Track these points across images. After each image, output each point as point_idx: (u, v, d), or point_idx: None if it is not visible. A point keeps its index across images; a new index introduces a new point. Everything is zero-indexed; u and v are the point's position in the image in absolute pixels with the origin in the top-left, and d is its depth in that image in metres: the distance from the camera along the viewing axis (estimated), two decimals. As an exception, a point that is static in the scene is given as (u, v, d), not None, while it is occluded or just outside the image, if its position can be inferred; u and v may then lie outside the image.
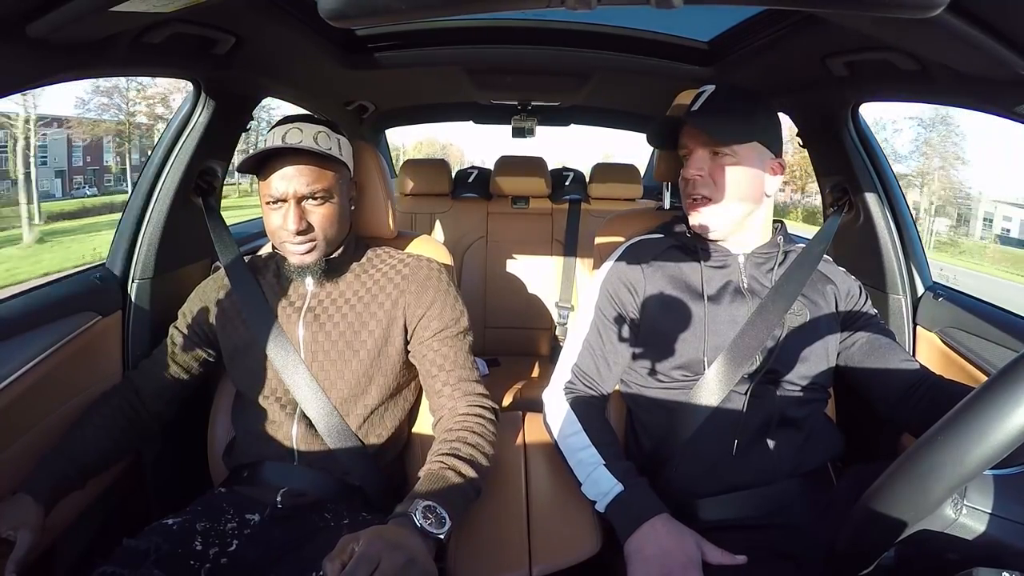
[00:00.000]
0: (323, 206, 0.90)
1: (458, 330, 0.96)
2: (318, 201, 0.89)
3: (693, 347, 0.90)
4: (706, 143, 0.89)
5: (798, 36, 1.01)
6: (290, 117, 0.93)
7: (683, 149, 0.94)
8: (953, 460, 0.50)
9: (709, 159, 0.90)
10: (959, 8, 0.63)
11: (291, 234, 0.89)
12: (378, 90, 1.99)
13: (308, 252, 0.91)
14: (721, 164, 0.89)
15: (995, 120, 0.85)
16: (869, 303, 0.98)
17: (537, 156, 2.29)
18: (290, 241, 0.90)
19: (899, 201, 1.25)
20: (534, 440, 1.00)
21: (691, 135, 0.91)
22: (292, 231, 0.88)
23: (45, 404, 0.94)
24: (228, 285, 0.98)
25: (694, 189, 0.91)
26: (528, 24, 1.38)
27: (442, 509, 0.71)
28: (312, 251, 0.91)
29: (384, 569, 0.59)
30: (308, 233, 0.90)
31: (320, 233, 0.91)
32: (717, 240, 0.94)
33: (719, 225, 0.92)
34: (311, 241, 0.90)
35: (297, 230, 0.88)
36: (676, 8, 0.44)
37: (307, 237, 0.90)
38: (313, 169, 0.88)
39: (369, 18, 0.47)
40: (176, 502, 0.88)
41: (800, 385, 0.90)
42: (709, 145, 0.89)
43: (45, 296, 0.99)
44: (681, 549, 0.75)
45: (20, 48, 0.68)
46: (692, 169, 0.90)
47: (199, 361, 1.00)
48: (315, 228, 0.90)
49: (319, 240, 0.91)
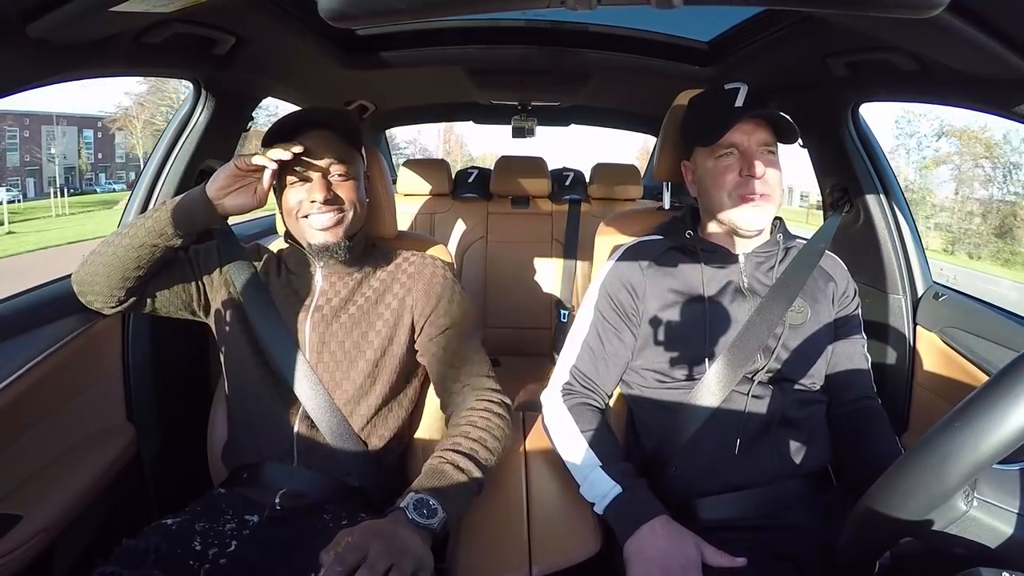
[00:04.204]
0: (348, 182, 0.91)
1: (465, 326, 0.96)
2: (344, 177, 0.91)
3: (694, 347, 0.90)
4: (764, 140, 0.88)
5: (798, 36, 1.01)
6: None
7: (730, 147, 0.89)
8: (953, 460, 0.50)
9: (764, 157, 0.89)
10: (959, 8, 0.63)
11: (318, 204, 0.88)
12: (378, 90, 1.99)
13: (334, 226, 0.90)
14: (772, 161, 0.89)
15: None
16: (859, 310, 0.99)
17: (537, 156, 2.29)
18: (316, 212, 0.89)
19: (899, 201, 1.25)
20: (534, 440, 1.00)
21: (749, 132, 0.88)
22: (320, 199, 0.88)
23: (45, 404, 0.94)
24: (233, 281, 0.98)
25: (755, 189, 0.88)
26: (528, 24, 1.38)
27: (434, 501, 0.72)
28: (338, 225, 0.91)
29: (374, 555, 0.60)
30: (335, 203, 0.90)
31: (348, 205, 0.91)
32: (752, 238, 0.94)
33: (767, 223, 0.91)
34: (339, 212, 0.90)
35: (325, 198, 0.88)
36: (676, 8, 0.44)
37: (334, 207, 0.90)
38: (343, 145, 0.91)
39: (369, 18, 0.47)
40: (176, 502, 0.88)
41: (802, 384, 0.90)
42: (767, 143, 0.88)
43: (45, 296, 0.99)
44: (680, 551, 0.75)
45: (20, 48, 0.68)
46: (760, 167, 0.87)
47: (182, 301, 0.97)
48: (343, 200, 0.90)
49: (346, 213, 0.91)
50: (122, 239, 0.87)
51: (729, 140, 0.89)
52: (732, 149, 0.89)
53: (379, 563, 0.60)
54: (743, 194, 0.88)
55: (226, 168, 0.86)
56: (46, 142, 28.52)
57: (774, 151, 0.89)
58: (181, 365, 1.24)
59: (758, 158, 0.87)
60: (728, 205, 0.90)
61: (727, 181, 0.89)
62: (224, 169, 0.86)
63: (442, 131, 37.22)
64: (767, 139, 0.88)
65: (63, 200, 25.23)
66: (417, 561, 0.64)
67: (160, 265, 0.91)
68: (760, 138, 0.88)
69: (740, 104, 0.88)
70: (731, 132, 0.88)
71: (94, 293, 0.91)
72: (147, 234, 0.86)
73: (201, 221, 0.88)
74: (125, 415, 1.13)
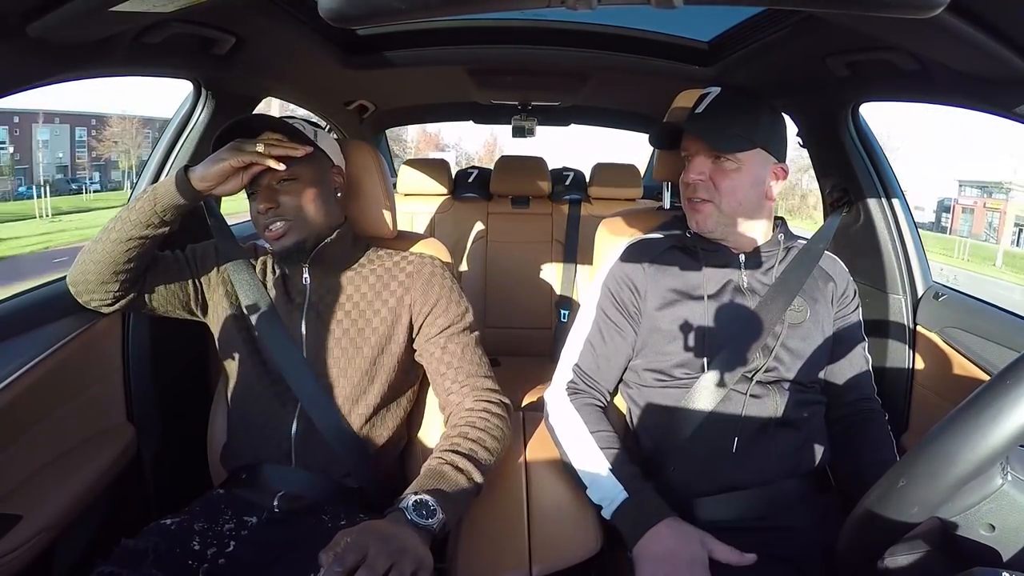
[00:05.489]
0: (293, 185, 0.91)
1: (464, 326, 0.96)
2: (288, 182, 0.91)
3: (693, 346, 0.90)
4: (708, 148, 0.90)
5: (798, 36, 1.01)
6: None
7: (684, 152, 0.94)
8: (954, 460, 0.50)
9: (711, 163, 0.90)
10: (959, 8, 0.63)
11: (264, 215, 0.90)
12: (378, 90, 1.99)
13: (282, 235, 0.91)
14: (723, 168, 0.89)
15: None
16: (859, 312, 0.99)
17: (537, 156, 2.29)
18: (265, 222, 0.91)
19: (899, 201, 1.25)
20: (534, 440, 1.00)
21: (693, 140, 0.91)
22: (263, 210, 0.89)
23: (45, 404, 0.94)
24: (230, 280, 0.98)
25: (694, 193, 0.91)
26: (528, 24, 1.38)
27: (434, 502, 0.72)
28: (286, 234, 0.91)
29: (373, 555, 0.60)
30: (278, 210, 0.90)
31: (292, 213, 0.91)
32: (717, 240, 0.94)
33: (717, 227, 0.92)
34: (283, 221, 0.91)
35: (267, 207, 0.89)
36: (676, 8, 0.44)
37: (277, 214, 0.90)
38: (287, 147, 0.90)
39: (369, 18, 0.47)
40: (175, 502, 0.88)
41: (800, 384, 0.90)
42: (711, 150, 0.89)
43: (45, 296, 0.99)
44: (687, 548, 0.76)
45: (20, 48, 0.68)
46: (692, 174, 0.90)
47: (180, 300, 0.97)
48: (287, 208, 0.91)
49: (292, 221, 0.91)
50: (110, 234, 0.87)
51: (685, 144, 0.94)
52: (687, 154, 0.93)
53: (378, 563, 0.60)
54: (687, 196, 0.93)
55: (218, 166, 0.86)
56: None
57: (728, 157, 0.89)
58: (181, 365, 1.24)
59: (696, 164, 0.91)
60: (685, 208, 0.95)
61: (681, 184, 0.94)
62: (215, 167, 0.86)
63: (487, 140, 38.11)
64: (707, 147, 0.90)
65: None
66: (417, 561, 0.64)
67: (151, 256, 0.92)
68: (703, 145, 0.90)
69: (700, 111, 0.90)
70: (685, 138, 0.93)
71: (89, 292, 0.91)
72: (133, 226, 0.87)
73: (186, 206, 0.89)
74: (125, 415, 1.13)
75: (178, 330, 1.06)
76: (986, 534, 0.53)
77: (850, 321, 0.97)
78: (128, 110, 34.13)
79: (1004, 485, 0.52)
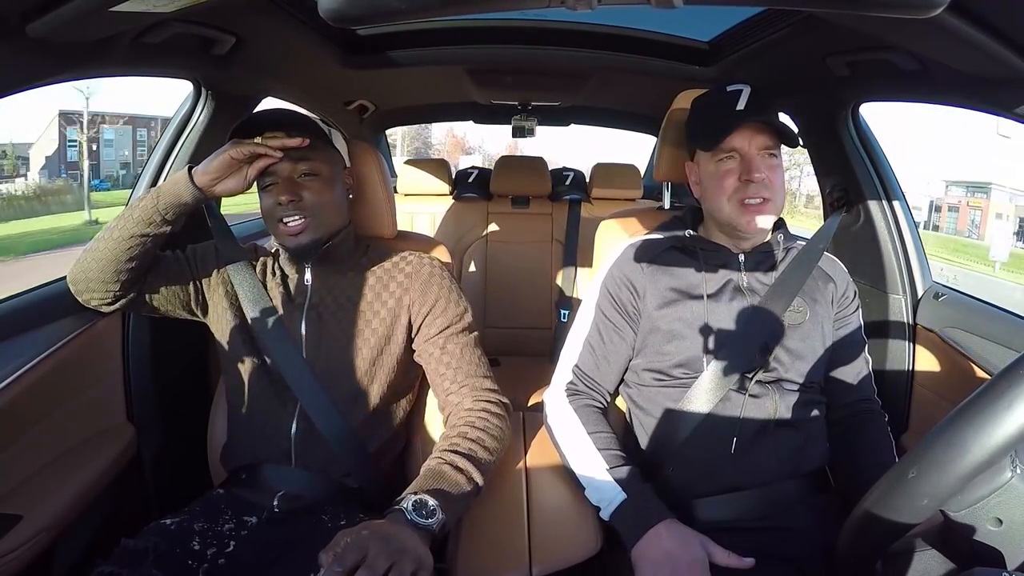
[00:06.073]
0: (315, 181, 0.92)
1: (463, 326, 0.96)
2: (310, 177, 0.91)
3: (693, 346, 0.90)
4: (765, 144, 0.88)
5: (798, 36, 1.01)
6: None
7: (731, 151, 0.89)
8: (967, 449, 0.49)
9: (766, 159, 0.88)
10: (959, 8, 0.63)
11: (284, 207, 0.89)
12: (378, 90, 1.99)
13: (301, 231, 0.91)
14: (773, 165, 0.88)
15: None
16: (859, 313, 0.98)
17: (537, 156, 2.29)
18: (283, 215, 0.90)
19: (899, 201, 1.25)
20: (534, 440, 1.00)
21: (749, 136, 0.88)
22: (285, 202, 0.89)
23: (45, 404, 0.94)
24: (231, 281, 0.98)
25: (756, 192, 0.88)
26: (528, 24, 1.38)
27: (433, 502, 0.72)
28: (305, 230, 0.91)
29: (373, 555, 0.60)
30: (299, 204, 0.90)
31: (311, 209, 0.91)
32: (718, 240, 0.94)
33: (768, 226, 0.91)
34: (302, 216, 0.91)
35: (289, 199, 0.89)
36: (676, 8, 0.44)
37: (298, 208, 0.90)
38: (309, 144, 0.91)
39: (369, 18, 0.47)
40: (175, 502, 0.88)
41: (799, 385, 0.90)
42: (768, 146, 0.88)
43: (45, 296, 0.99)
44: (687, 551, 0.75)
45: (20, 48, 0.68)
46: (761, 171, 0.87)
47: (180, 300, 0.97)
48: (307, 204, 0.91)
49: (312, 217, 0.91)
50: (112, 232, 0.88)
51: (730, 144, 0.88)
52: (733, 153, 0.89)
53: (378, 563, 0.60)
54: (743, 199, 0.88)
55: (219, 158, 0.87)
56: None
57: (776, 154, 0.89)
58: (181, 365, 1.24)
59: (758, 162, 0.87)
60: (729, 210, 0.89)
61: (727, 186, 0.89)
62: (216, 159, 0.87)
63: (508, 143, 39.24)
64: (768, 143, 0.88)
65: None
66: (417, 561, 0.64)
67: (153, 256, 0.92)
68: (760, 142, 0.88)
69: (742, 107, 0.87)
70: (731, 136, 0.88)
71: (89, 290, 0.91)
72: (136, 224, 0.87)
73: (189, 205, 0.89)
74: (125, 415, 1.13)
75: (178, 330, 1.06)
76: (993, 528, 0.53)
77: (850, 322, 0.97)
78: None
79: (1013, 478, 0.51)
